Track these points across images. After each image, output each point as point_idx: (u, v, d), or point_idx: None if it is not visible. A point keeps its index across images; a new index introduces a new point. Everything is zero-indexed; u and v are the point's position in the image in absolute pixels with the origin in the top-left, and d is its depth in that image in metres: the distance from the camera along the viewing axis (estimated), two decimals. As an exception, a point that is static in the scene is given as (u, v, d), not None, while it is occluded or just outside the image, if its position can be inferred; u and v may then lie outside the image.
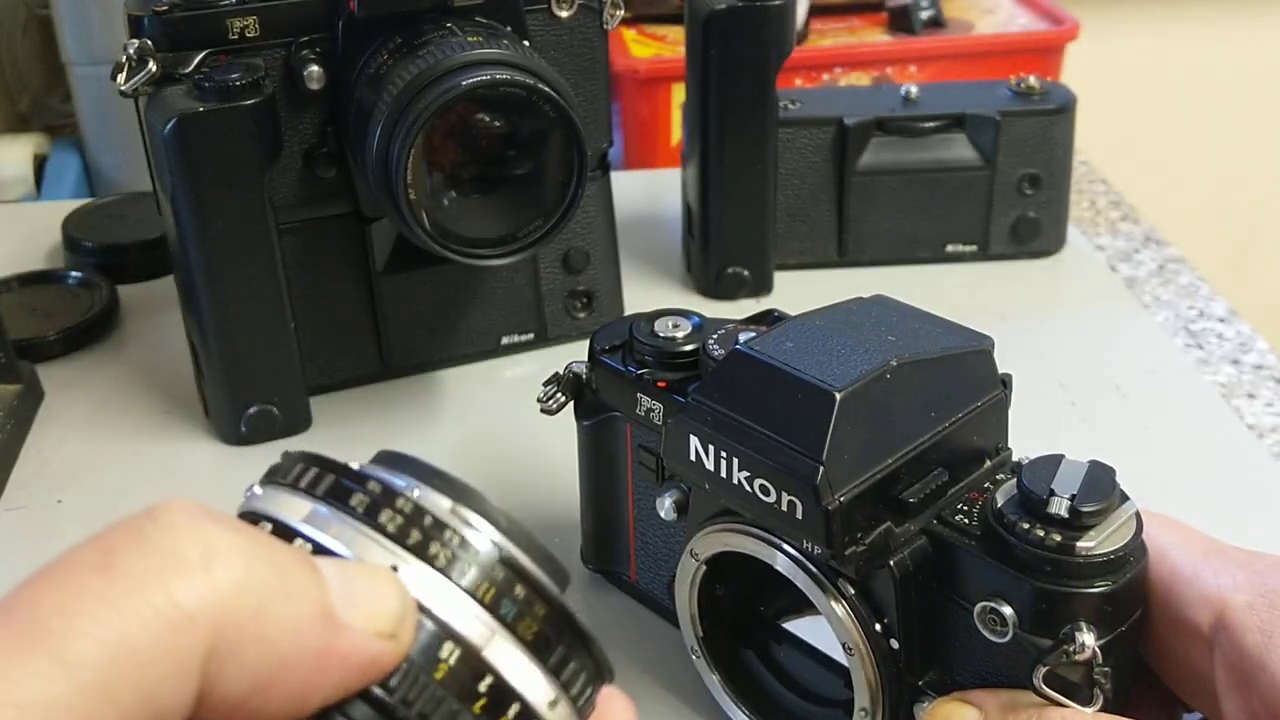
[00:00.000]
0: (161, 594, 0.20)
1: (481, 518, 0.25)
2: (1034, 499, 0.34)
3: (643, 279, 0.74)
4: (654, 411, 0.43)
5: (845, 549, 0.35)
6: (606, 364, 0.45)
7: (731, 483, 0.37)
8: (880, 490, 0.36)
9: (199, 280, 0.57)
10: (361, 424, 0.62)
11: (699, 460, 0.38)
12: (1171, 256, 0.79)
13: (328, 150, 0.59)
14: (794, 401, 0.36)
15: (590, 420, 0.47)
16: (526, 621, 0.24)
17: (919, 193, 0.73)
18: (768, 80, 0.67)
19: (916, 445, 0.37)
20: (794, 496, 0.35)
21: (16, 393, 0.62)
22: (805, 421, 0.35)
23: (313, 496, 0.25)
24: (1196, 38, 1.46)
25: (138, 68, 0.54)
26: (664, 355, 0.43)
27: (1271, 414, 0.64)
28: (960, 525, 0.36)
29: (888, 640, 0.37)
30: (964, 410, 0.38)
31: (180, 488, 0.58)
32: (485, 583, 0.24)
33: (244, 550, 0.21)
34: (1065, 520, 0.34)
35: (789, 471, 0.35)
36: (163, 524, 0.21)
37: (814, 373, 0.36)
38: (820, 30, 1.03)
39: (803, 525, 0.36)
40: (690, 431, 0.38)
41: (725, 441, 0.37)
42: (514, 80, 0.52)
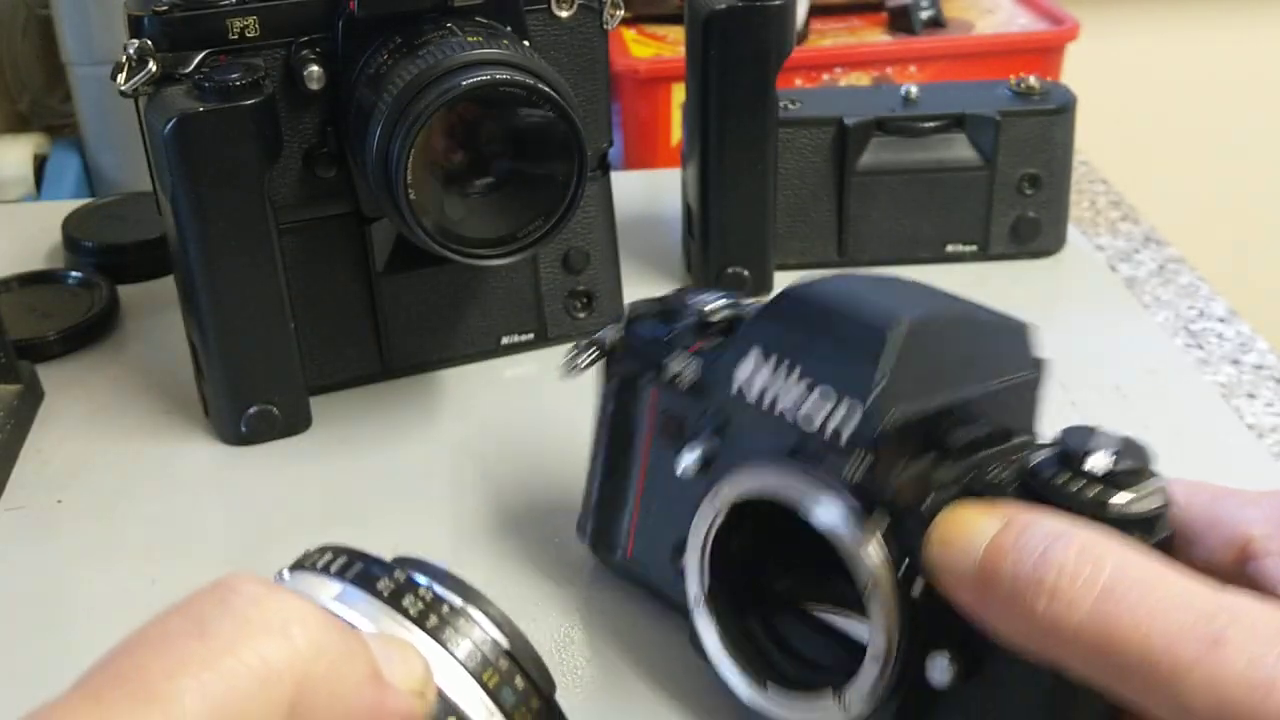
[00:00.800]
0: (254, 655, 0.23)
1: (487, 617, 0.28)
2: (1072, 454, 0.35)
3: (643, 279, 0.74)
4: (681, 376, 0.44)
5: (889, 472, 0.36)
6: (639, 327, 0.47)
7: (775, 413, 0.38)
8: (927, 425, 0.37)
9: (199, 280, 0.57)
10: (361, 424, 0.62)
11: (741, 394, 0.39)
12: (1171, 256, 0.79)
13: (328, 150, 0.59)
14: (857, 325, 0.37)
15: (615, 383, 0.48)
16: (522, 711, 0.27)
17: (919, 193, 0.73)
18: (768, 80, 0.67)
19: (964, 393, 0.38)
20: (847, 411, 0.36)
21: (16, 393, 0.62)
22: (867, 341, 0.36)
23: (342, 579, 0.28)
24: (1196, 38, 1.46)
25: (138, 68, 0.54)
26: (700, 321, 0.45)
27: (1271, 414, 0.64)
28: (994, 482, 0.37)
29: (911, 583, 0.37)
30: (1007, 376, 0.39)
31: (180, 488, 0.58)
32: (491, 670, 0.27)
33: (314, 616, 0.24)
34: (1102, 477, 0.34)
35: (843, 389, 0.36)
36: (244, 595, 0.24)
37: (876, 303, 0.37)
38: (820, 30, 1.03)
39: (853, 440, 0.36)
40: (749, 347, 0.39)
41: (782, 357, 0.38)
42: (514, 80, 0.52)
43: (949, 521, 0.35)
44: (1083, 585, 0.31)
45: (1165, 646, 0.29)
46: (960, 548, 0.34)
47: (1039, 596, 0.31)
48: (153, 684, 0.22)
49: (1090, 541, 0.32)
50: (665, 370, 0.45)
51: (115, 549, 0.54)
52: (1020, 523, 0.33)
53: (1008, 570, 0.32)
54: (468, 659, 0.27)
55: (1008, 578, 0.32)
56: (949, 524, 0.35)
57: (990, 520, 0.34)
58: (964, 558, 0.34)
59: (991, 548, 0.33)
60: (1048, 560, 0.31)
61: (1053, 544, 0.32)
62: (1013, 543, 0.32)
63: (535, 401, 0.64)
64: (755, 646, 0.42)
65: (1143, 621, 0.29)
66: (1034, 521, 0.33)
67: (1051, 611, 0.31)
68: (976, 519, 0.34)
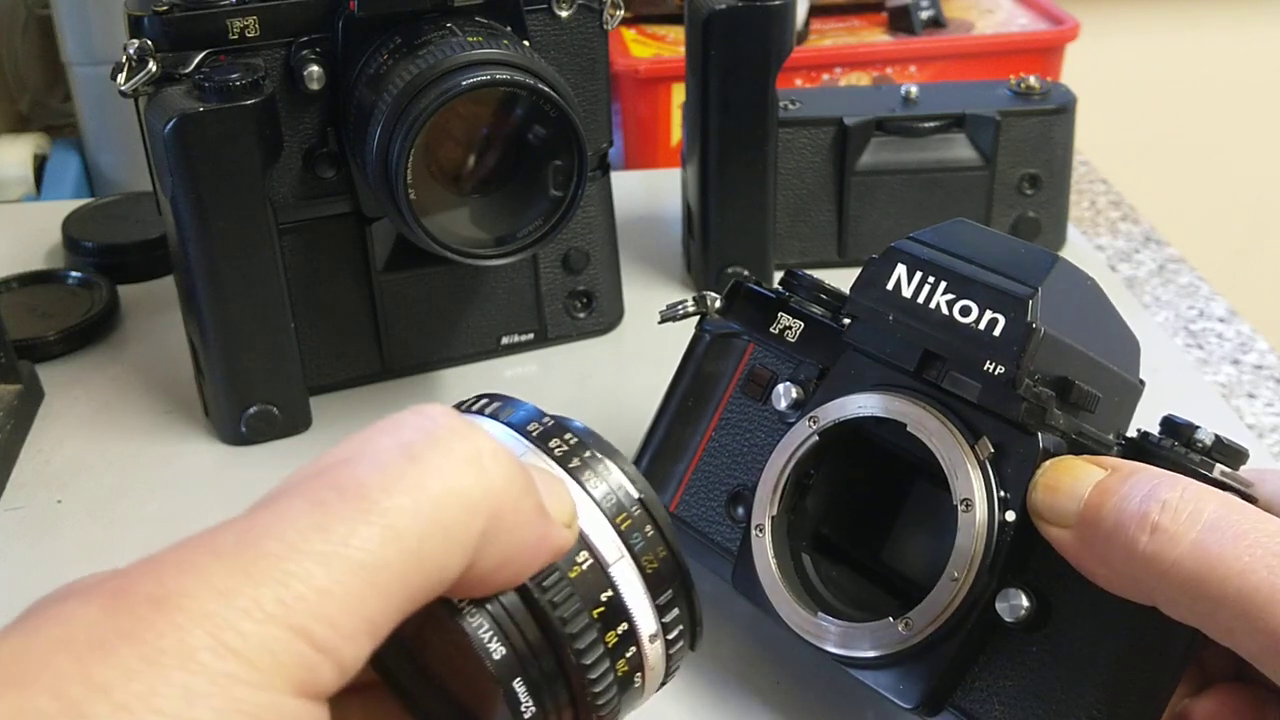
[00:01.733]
0: (457, 483, 0.25)
1: (622, 470, 0.30)
2: (1182, 427, 0.38)
3: (643, 279, 0.74)
4: (791, 330, 0.47)
5: (1026, 377, 0.37)
6: (751, 287, 0.49)
7: (928, 307, 0.40)
8: (1062, 357, 0.38)
9: (199, 280, 0.57)
10: (362, 424, 0.61)
11: (896, 289, 0.41)
12: (1171, 256, 0.79)
13: (328, 150, 0.59)
14: (1015, 254, 0.40)
15: (709, 337, 0.50)
16: (649, 557, 0.29)
17: (919, 193, 0.73)
18: (768, 80, 0.67)
19: (1093, 354, 0.40)
20: (999, 313, 0.38)
21: (16, 393, 0.62)
22: (1025, 267, 0.39)
23: (496, 420, 0.31)
24: (1196, 38, 1.46)
25: (138, 68, 0.54)
26: (815, 289, 0.48)
27: (1271, 414, 0.64)
28: (1099, 439, 0.39)
29: (1006, 511, 0.38)
30: (1122, 367, 0.41)
31: (180, 488, 0.58)
32: (623, 514, 0.29)
33: (503, 451, 0.26)
34: (1208, 448, 0.37)
35: (1000, 292, 0.38)
36: (445, 426, 0.26)
37: (1027, 245, 0.40)
38: (820, 30, 1.03)
39: (997, 343, 0.38)
40: (898, 260, 0.41)
41: (933, 269, 0.40)
42: (514, 80, 0.52)
43: (1056, 468, 0.36)
44: (1186, 520, 0.32)
45: (1264, 577, 0.30)
46: (1065, 492, 0.35)
47: (1142, 531, 0.32)
48: (371, 497, 0.23)
49: (1194, 486, 0.33)
50: (774, 323, 0.47)
51: (115, 549, 0.54)
52: (1126, 469, 0.35)
53: (1112, 508, 0.34)
54: (603, 500, 0.29)
55: (1111, 515, 0.34)
56: (1056, 470, 0.36)
57: (1095, 469, 0.35)
58: (1068, 501, 0.35)
59: (1097, 490, 0.34)
60: (1154, 497, 0.33)
61: (1158, 485, 0.33)
62: (1119, 484, 0.34)
63: (535, 401, 0.64)
64: (807, 582, 0.43)
65: (1243, 552, 0.31)
66: (1139, 468, 0.35)
67: (1153, 545, 0.32)
68: (1083, 466, 0.36)
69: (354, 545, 0.23)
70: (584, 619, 0.28)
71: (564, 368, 0.67)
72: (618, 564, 0.29)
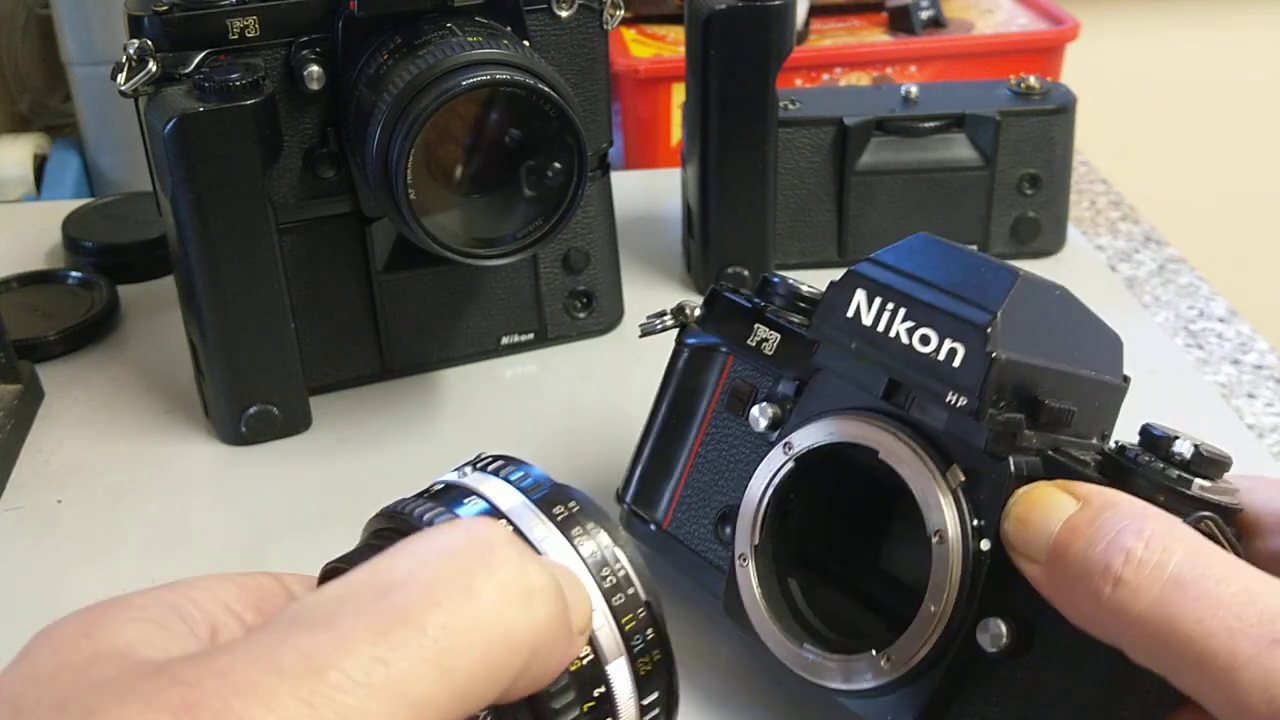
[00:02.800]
0: (510, 622, 0.25)
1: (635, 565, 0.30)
2: (1159, 439, 0.36)
3: (643, 279, 0.74)
4: (767, 342, 0.46)
5: (989, 407, 0.36)
6: (728, 296, 0.48)
7: (888, 336, 0.39)
8: (1029, 378, 0.37)
9: (199, 280, 0.57)
10: (361, 424, 0.62)
11: (856, 316, 0.40)
12: (1171, 256, 0.79)
13: (328, 150, 0.59)
14: (975, 273, 0.38)
15: (688, 350, 0.49)
16: (645, 660, 0.29)
17: (919, 193, 0.73)
18: (768, 80, 0.67)
19: (1064, 367, 0.38)
20: (959, 343, 0.37)
21: (16, 393, 0.62)
22: (984, 288, 0.37)
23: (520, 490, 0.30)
24: (1196, 38, 1.46)
25: (138, 68, 0.54)
26: (792, 296, 0.47)
27: (1271, 414, 0.64)
28: (1075, 457, 0.38)
29: (980, 540, 0.37)
30: (1099, 371, 0.40)
31: (180, 488, 0.58)
32: (630, 615, 0.29)
33: (551, 589, 0.26)
34: (1186, 461, 0.35)
35: (959, 319, 0.37)
36: (502, 559, 0.26)
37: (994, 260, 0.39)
38: (820, 30, 1.03)
39: (957, 374, 0.37)
40: (857, 286, 0.40)
41: (892, 295, 0.39)
42: (514, 80, 0.52)
43: (1027, 499, 0.35)
44: (1150, 574, 0.31)
45: (1224, 641, 0.29)
46: (1036, 527, 0.35)
47: (1105, 582, 0.32)
48: (431, 635, 0.24)
49: (1162, 530, 0.32)
50: (750, 335, 0.46)
51: (115, 549, 0.54)
52: (1096, 504, 0.34)
53: (1079, 552, 0.33)
54: (616, 601, 0.29)
55: (1078, 559, 0.33)
56: (1027, 501, 0.35)
57: (1067, 501, 0.34)
58: (1038, 537, 0.34)
59: (1065, 528, 0.34)
60: (1118, 545, 0.32)
61: (1125, 529, 0.32)
62: (1087, 524, 0.33)
63: (535, 401, 0.65)
64: (794, 608, 0.43)
65: (1205, 614, 0.30)
66: (1110, 505, 0.33)
67: (1116, 597, 0.31)
68: (1055, 497, 0.35)
69: (410, 683, 0.23)
70: (574, 713, 0.28)
71: (564, 368, 0.67)
72: (615, 663, 0.29)
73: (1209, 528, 0.34)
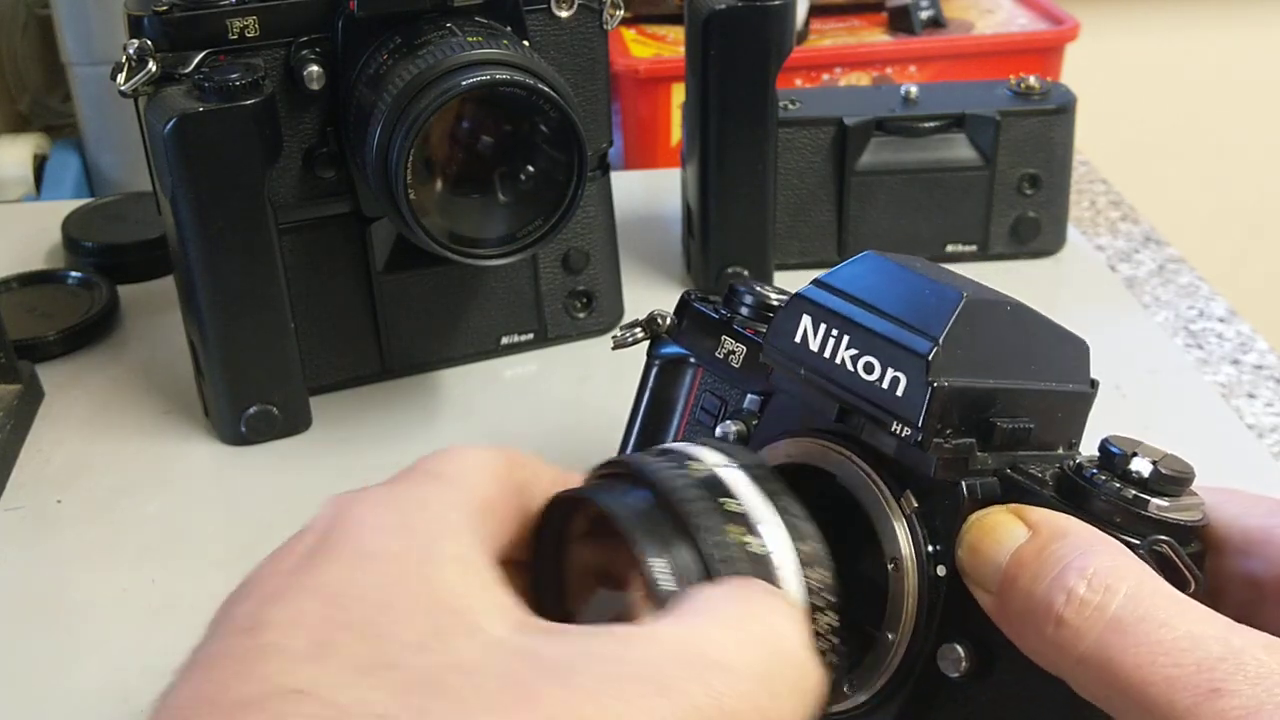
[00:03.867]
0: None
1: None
2: (1116, 456, 0.35)
3: (643, 279, 0.74)
4: (735, 355, 0.45)
5: (935, 436, 0.36)
6: (696, 307, 0.48)
7: (833, 363, 0.38)
8: (977, 402, 0.37)
9: (199, 280, 0.57)
10: (361, 424, 0.62)
11: (803, 342, 0.39)
12: (1171, 256, 0.79)
13: (328, 150, 0.59)
14: (918, 296, 0.37)
15: (659, 362, 0.49)
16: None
17: (919, 193, 0.73)
18: (768, 80, 0.67)
19: (1016, 384, 0.38)
20: (900, 372, 0.36)
21: (16, 393, 0.62)
22: (926, 312, 0.36)
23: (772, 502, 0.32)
24: (1196, 38, 1.46)
25: (138, 68, 0.54)
26: (759, 306, 0.46)
27: (1271, 414, 0.64)
28: (1033, 475, 0.37)
29: (936, 566, 0.37)
30: (1059, 381, 0.39)
31: (180, 488, 0.58)
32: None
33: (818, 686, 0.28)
34: (1144, 480, 0.34)
35: (900, 347, 0.36)
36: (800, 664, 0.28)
37: (940, 279, 0.37)
38: (820, 30, 1.03)
39: (900, 404, 0.36)
40: (803, 311, 0.39)
41: (836, 320, 0.38)
42: (514, 80, 0.52)
43: (979, 527, 0.35)
44: (1090, 615, 0.31)
45: (1163, 690, 0.29)
46: (986, 557, 0.34)
47: (1048, 622, 0.31)
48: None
49: (1107, 567, 0.31)
50: (718, 348, 0.46)
51: (115, 549, 0.54)
52: (1045, 535, 0.33)
53: (1024, 587, 0.32)
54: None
55: (1024, 595, 0.32)
56: (979, 530, 0.35)
57: (1018, 529, 0.34)
58: (989, 568, 0.34)
59: (1014, 560, 0.33)
60: (1060, 584, 0.31)
61: (1069, 566, 0.32)
62: (1034, 557, 0.33)
63: (535, 401, 0.64)
64: None
65: (1144, 662, 0.29)
66: (1058, 535, 0.33)
67: (1059, 637, 0.31)
68: (1005, 526, 0.34)
69: None
70: None
71: (564, 368, 0.67)
72: None
73: (1165, 551, 0.33)
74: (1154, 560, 0.33)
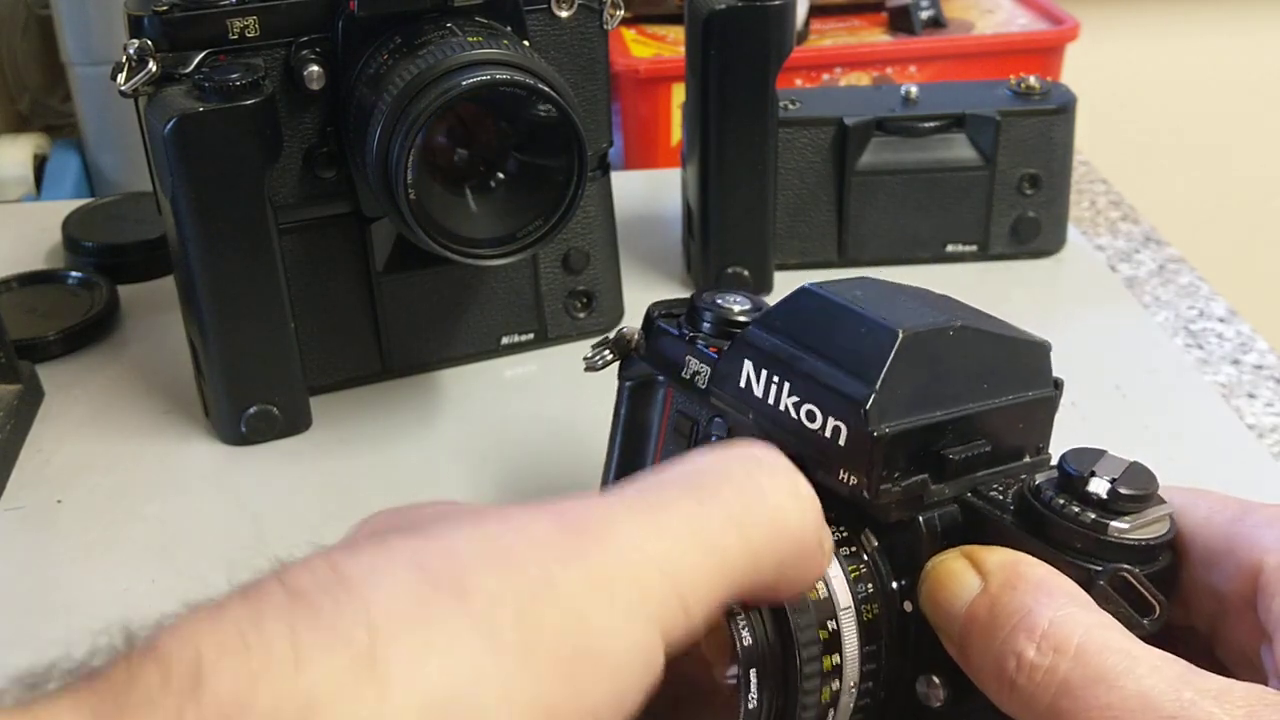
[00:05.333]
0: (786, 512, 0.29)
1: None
2: (1074, 478, 0.34)
3: (643, 279, 0.74)
4: (700, 375, 0.44)
5: (881, 484, 0.35)
6: (661, 326, 0.47)
7: (778, 409, 0.37)
8: (925, 438, 0.36)
9: (199, 280, 0.57)
10: (361, 424, 0.62)
11: (748, 387, 0.38)
12: (1171, 256, 0.79)
13: (328, 150, 0.59)
14: (855, 335, 0.36)
15: (632, 382, 0.48)
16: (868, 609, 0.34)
17: (919, 193, 0.73)
18: (768, 80, 0.67)
19: (966, 408, 0.37)
20: (840, 421, 0.35)
21: (16, 393, 0.62)
22: (863, 354, 0.36)
23: None
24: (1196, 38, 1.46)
25: (138, 68, 0.54)
26: (721, 322, 0.45)
27: (1271, 414, 0.64)
28: (993, 499, 0.36)
29: (903, 601, 0.36)
30: (1015, 393, 0.38)
31: (180, 488, 0.58)
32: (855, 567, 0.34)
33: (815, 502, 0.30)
34: (1102, 501, 0.34)
35: (839, 395, 0.35)
36: (783, 467, 0.30)
37: (879, 314, 0.36)
38: (820, 30, 1.04)
39: (844, 453, 0.35)
40: (744, 356, 0.38)
41: (777, 367, 0.38)
42: (514, 80, 0.52)
43: (934, 577, 0.35)
44: (1042, 680, 0.30)
45: None
46: (944, 610, 0.34)
47: (1002, 686, 0.31)
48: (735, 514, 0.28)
49: (1055, 624, 0.31)
50: (684, 368, 0.45)
51: (115, 549, 0.54)
52: (995, 586, 0.33)
53: (978, 648, 0.32)
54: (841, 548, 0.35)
55: (978, 655, 0.32)
56: (934, 580, 0.35)
57: (971, 579, 0.33)
58: (948, 620, 0.34)
59: (967, 616, 0.33)
60: (1010, 648, 0.31)
61: (1017, 627, 0.31)
62: (985, 613, 0.32)
63: (535, 401, 0.64)
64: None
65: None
66: (1009, 586, 0.32)
67: (1013, 702, 0.31)
68: (958, 576, 0.34)
69: (725, 544, 0.27)
70: (813, 635, 0.32)
71: (564, 368, 0.67)
72: (845, 607, 0.33)
73: (1124, 580, 0.33)
74: (1116, 587, 0.32)
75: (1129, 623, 0.32)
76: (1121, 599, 0.32)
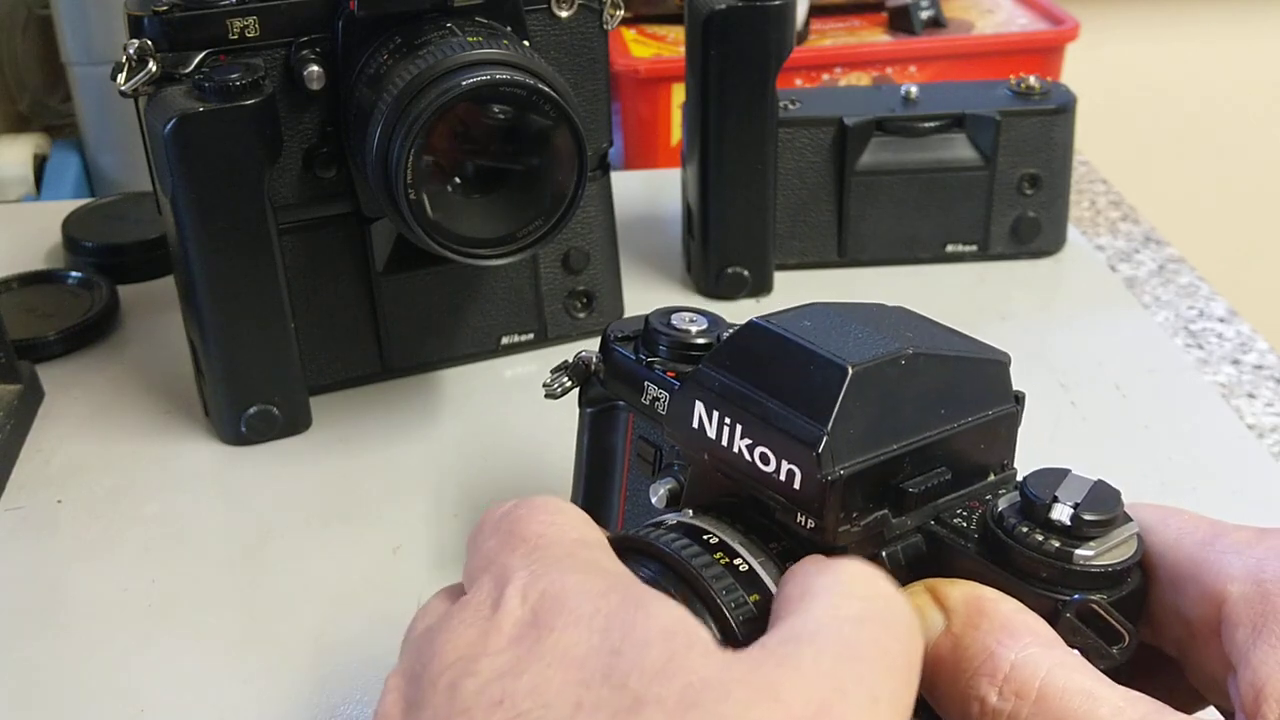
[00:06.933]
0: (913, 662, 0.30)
1: None
2: (1036, 504, 0.34)
3: (643, 279, 0.74)
4: (659, 401, 0.43)
5: (839, 526, 0.34)
6: (617, 351, 0.45)
7: (732, 451, 0.36)
8: (881, 474, 0.35)
9: (199, 280, 0.57)
10: (361, 424, 0.62)
11: (700, 428, 0.37)
12: (1171, 256, 0.79)
13: (328, 150, 0.59)
14: (805, 373, 0.35)
15: (593, 408, 0.47)
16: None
17: (919, 193, 0.73)
18: (768, 80, 0.67)
19: (923, 438, 0.36)
20: (794, 465, 0.35)
21: (16, 393, 0.62)
22: (814, 392, 0.35)
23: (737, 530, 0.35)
24: (1197, 38, 1.46)
25: (138, 68, 0.54)
26: (677, 346, 0.44)
27: (1271, 414, 0.64)
28: (957, 527, 0.36)
29: None
30: (974, 415, 0.37)
31: (180, 488, 0.58)
32: None
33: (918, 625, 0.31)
34: (1066, 528, 0.33)
35: (791, 438, 0.34)
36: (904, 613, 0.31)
37: (828, 348, 0.35)
38: (820, 30, 1.04)
39: (799, 496, 0.35)
40: (695, 397, 0.37)
41: (729, 408, 0.36)
42: (514, 80, 0.52)
43: None
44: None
45: None
46: None
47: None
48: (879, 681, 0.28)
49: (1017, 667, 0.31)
50: (643, 395, 0.44)
51: (115, 549, 0.54)
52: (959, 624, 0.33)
53: (943, 690, 0.32)
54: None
55: (944, 697, 0.32)
56: None
57: (935, 617, 0.33)
58: None
59: (932, 656, 0.33)
60: (973, 693, 0.31)
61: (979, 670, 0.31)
62: (949, 654, 0.32)
63: (535, 401, 0.64)
64: None
65: None
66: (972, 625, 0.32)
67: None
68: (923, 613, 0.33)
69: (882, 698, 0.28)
70: None
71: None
72: None
73: (1091, 610, 0.32)
74: (1083, 618, 0.32)
75: (1098, 653, 0.32)
76: (1089, 630, 0.32)
